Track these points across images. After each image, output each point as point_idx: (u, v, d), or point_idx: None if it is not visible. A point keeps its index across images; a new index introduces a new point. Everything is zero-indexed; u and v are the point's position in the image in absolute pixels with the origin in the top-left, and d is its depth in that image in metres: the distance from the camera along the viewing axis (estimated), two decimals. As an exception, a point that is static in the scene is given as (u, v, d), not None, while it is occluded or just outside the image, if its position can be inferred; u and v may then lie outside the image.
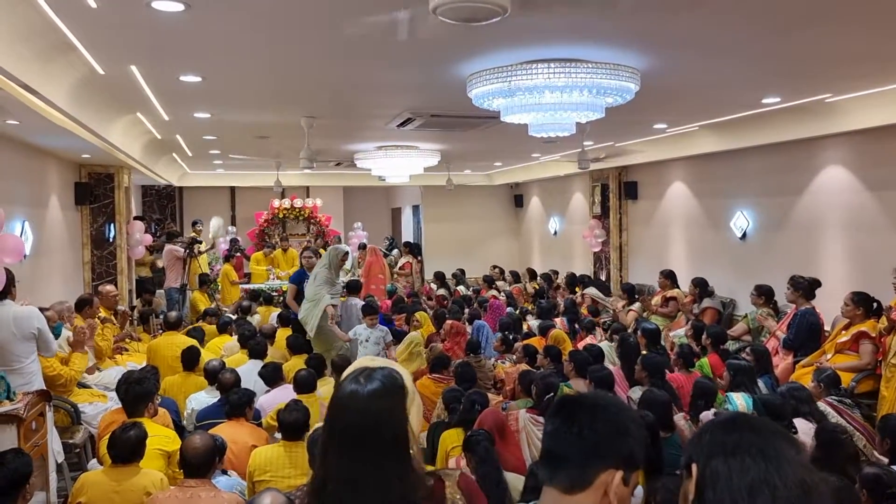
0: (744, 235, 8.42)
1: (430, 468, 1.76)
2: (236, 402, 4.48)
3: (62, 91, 4.56)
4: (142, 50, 4.19)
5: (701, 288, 8.01)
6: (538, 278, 11.86)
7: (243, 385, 5.10)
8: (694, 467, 1.20)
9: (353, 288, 8.22)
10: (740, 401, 4.62)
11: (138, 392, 4.15)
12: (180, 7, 3.27)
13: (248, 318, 8.76)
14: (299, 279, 7.53)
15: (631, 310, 8.38)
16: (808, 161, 7.39)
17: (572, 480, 1.32)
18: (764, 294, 6.90)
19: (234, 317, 8.58)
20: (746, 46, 4.27)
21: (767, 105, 6.25)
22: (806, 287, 6.20)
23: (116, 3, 3.26)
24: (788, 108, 6.34)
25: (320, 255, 7.77)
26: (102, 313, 6.73)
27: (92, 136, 5.98)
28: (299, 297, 7.33)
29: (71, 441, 5.08)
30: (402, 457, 1.56)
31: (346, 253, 7.52)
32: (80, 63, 4.34)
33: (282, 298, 10.56)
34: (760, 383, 4.98)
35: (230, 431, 4.28)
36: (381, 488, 1.52)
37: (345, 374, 1.71)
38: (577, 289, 10.79)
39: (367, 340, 6.91)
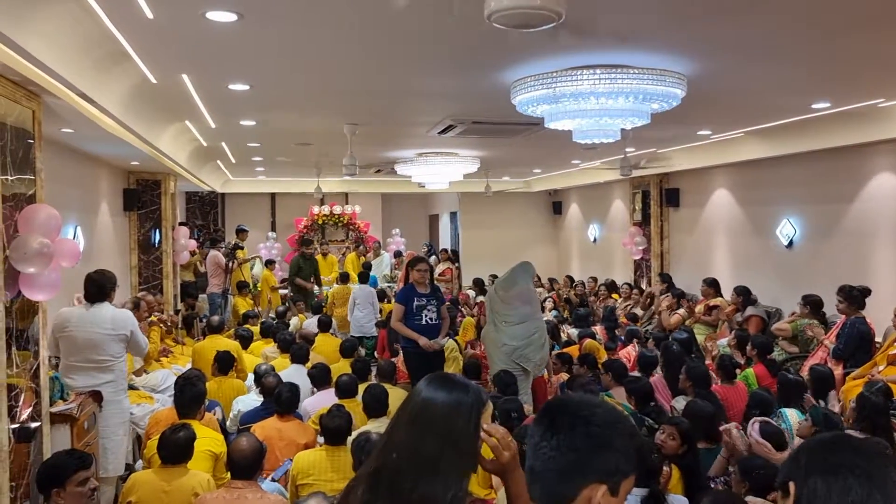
0: (790, 243, 8.25)
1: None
2: (288, 400, 4.56)
3: (116, 100, 4.69)
4: (194, 59, 4.30)
5: (744, 296, 7.86)
6: (575, 286, 11.78)
7: (286, 389, 5.18)
8: (791, 486, 1.17)
9: None
10: (794, 417, 4.50)
11: (194, 393, 4.25)
12: (233, 17, 3.35)
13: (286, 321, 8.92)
14: (407, 298, 6.30)
15: (676, 313, 8.25)
16: (858, 167, 7.21)
17: (551, 497, 1.26)
18: (810, 304, 6.74)
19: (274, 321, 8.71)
20: (797, 50, 4.20)
21: (817, 110, 6.12)
22: (857, 297, 6.04)
23: (172, 14, 3.35)
24: (838, 114, 6.21)
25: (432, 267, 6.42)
26: (153, 318, 6.90)
27: (142, 143, 6.13)
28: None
29: (119, 441, 5.20)
30: None
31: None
32: (133, 72, 4.46)
33: (322, 304, 10.67)
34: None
35: (279, 426, 4.35)
36: None
37: None
38: (614, 296, 10.69)
39: None
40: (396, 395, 5.27)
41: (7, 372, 3.51)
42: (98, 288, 4.66)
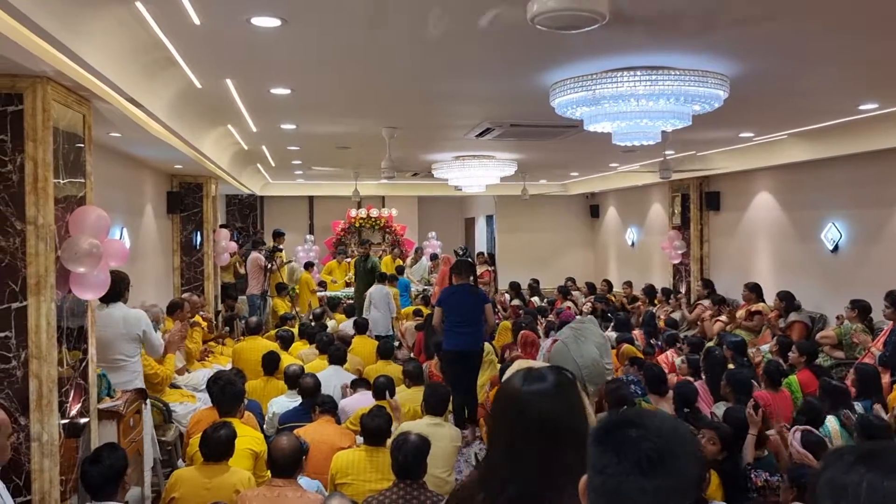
0: (836, 248, 8.06)
1: None
2: (330, 407, 4.68)
3: (162, 104, 4.80)
4: (238, 64, 4.39)
5: (787, 302, 7.70)
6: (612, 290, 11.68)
7: (323, 390, 5.24)
8: None
9: None
10: (834, 425, 4.39)
11: (235, 392, 4.32)
12: (277, 23, 3.40)
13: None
14: None
15: (718, 320, 8.12)
16: (907, 170, 7.02)
17: None
18: (858, 309, 6.57)
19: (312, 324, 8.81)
20: (843, 51, 4.11)
21: (864, 112, 5.98)
22: (905, 303, 5.88)
23: (218, 20, 3.42)
24: (886, 115, 6.06)
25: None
26: (196, 318, 7.04)
27: (186, 146, 6.26)
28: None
29: (163, 438, 5.31)
30: None
31: None
32: (179, 77, 4.57)
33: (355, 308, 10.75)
34: (860, 408, 4.72)
35: (322, 430, 4.40)
36: None
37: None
38: (655, 301, 10.56)
39: None
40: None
41: (58, 369, 3.62)
42: (111, 288, 4.69)
